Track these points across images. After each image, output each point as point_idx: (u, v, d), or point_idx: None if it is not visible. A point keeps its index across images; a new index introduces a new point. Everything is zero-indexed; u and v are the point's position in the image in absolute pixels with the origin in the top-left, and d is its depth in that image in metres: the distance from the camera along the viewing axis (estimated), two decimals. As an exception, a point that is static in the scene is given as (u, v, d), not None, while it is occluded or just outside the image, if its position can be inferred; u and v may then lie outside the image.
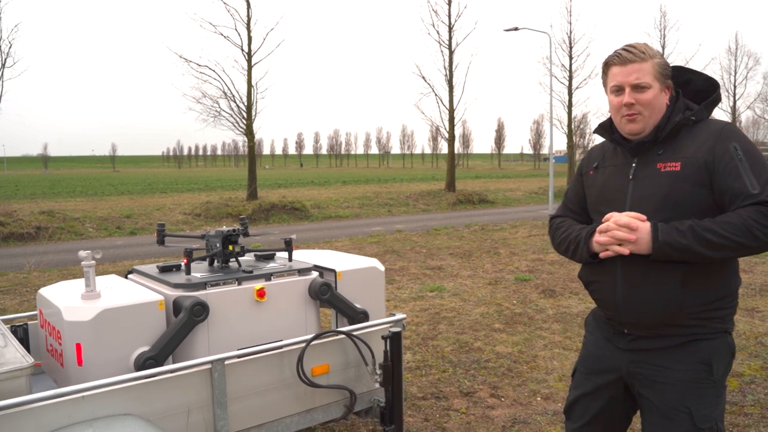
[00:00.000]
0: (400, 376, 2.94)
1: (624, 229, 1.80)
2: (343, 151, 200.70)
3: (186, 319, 2.59)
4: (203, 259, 3.11)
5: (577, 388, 2.19)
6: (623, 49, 1.90)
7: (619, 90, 1.91)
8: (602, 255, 1.88)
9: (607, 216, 1.87)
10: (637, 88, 1.87)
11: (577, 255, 2.01)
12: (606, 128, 2.06)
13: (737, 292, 1.90)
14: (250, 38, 22.06)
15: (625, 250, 1.80)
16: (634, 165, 1.94)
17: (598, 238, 1.88)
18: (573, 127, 32.69)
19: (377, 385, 3.01)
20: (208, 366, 2.49)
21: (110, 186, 46.56)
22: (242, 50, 22.12)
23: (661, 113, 1.91)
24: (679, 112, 1.91)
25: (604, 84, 2.00)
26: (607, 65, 1.95)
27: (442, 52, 26.62)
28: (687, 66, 2.04)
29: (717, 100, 1.95)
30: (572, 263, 9.33)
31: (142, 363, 2.47)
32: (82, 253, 2.55)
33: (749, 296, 6.99)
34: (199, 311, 2.63)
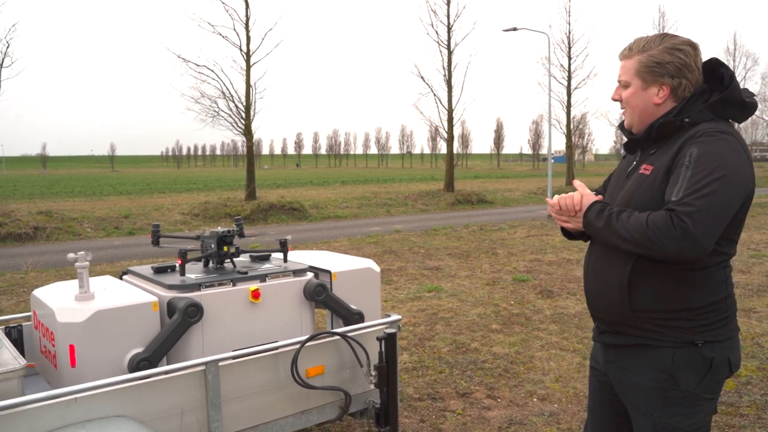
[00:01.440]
0: (395, 377, 2.93)
1: (569, 203, 1.91)
2: (342, 151, 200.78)
3: (180, 321, 2.59)
4: (198, 260, 3.10)
5: (589, 383, 2.23)
6: (628, 45, 1.91)
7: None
8: (558, 222, 2.00)
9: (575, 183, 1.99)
10: (621, 84, 1.91)
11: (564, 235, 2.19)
12: (621, 124, 2.07)
13: (721, 306, 1.81)
14: (248, 38, 22.05)
15: (564, 224, 1.97)
16: (634, 163, 1.94)
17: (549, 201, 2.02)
18: (572, 127, 32.73)
19: (372, 387, 3.00)
20: (202, 367, 2.48)
21: (109, 186, 46.54)
22: (241, 50, 22.12)
23: (644, 113, 1.87)
24: (685, 112, 1.80)
25: None
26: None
27: (441, 52, 26.65)
28: (722, 61, 1.87)
29: (717, 103, 1.79)
30: (570, 264, 9.33)
31: (135, 364, 2.46)
32: (72, 256, 2.54)
33: (746, 297, 6.99)
34: (194, 312, 2.63)
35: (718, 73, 1.85)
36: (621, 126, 2.04)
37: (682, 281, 1.78)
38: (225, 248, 3.05)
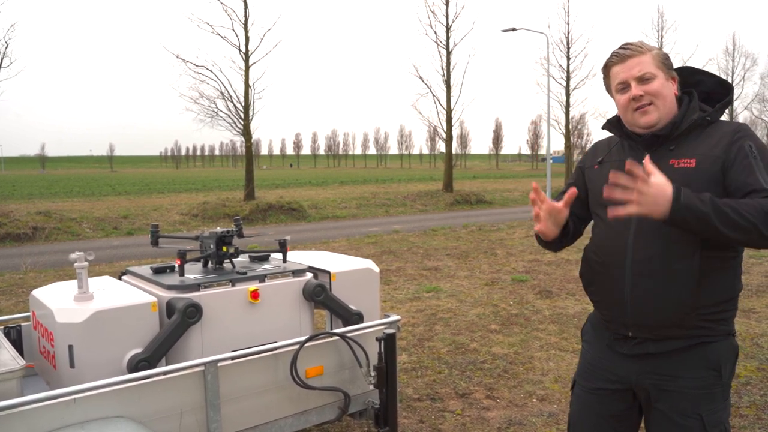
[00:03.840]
0: (394, 377, 2.93)
1: (636, 183, 1.62)
2: (340, 152, 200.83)
3: (179, 321, 2.58)
4: (197, 260, 3.10)
5: (581, 404, 2.08)
6: (620, 48, 1.89)
7: (624, 87, 1.87)
8: (610, 215, 1.69)
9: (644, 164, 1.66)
10: (642, 79, 1.84)
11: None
12: (614, 123, 2.00)
13: (739, 294, 1.89)
14: (247, 38, 22.05)
15: (626, 210, 1.63)
16: (644, 161, 1.86)
17: (608, 193, 1.67)
18: (570, 127, 32.71)
19: (371, 387, 3.00)
20: (201, 368, 2.48)
21: (108, 186, 46.50)
22: (239, 50, 22.13)
23: (672, 103, 1.87)
24: (695, 111, 1.87)
25: (608, 87, 1.96)
26: (606, 67, 1.92)
27: (439, 52, 26.67)
28: (696, 67, 2.00)
29: (729, 103, 1.92)
30: (569, 264, 9.33)
31: (134, 365, 2.46)
32: (74, 256, 2.54)
33: (746, 297, 7.00)
34: (193, 313, 2.62)
35: (692, 78, 1.97)
36: (609, 125, 2.02)
37: (731, 270, 1.82)
38: (224, 248, 3.05)
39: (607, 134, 2.12)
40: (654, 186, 1.61)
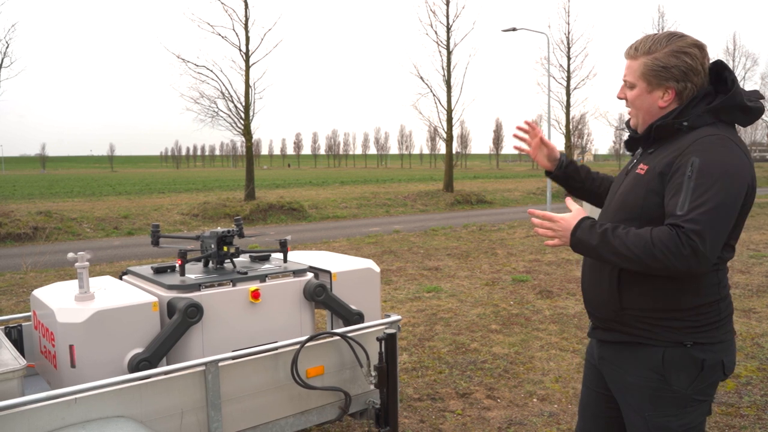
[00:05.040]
0: (395, 377, 2.93)
1: (547, 222, 1.88)
2: (341, 152, 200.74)
3: (180, 321, 2.59)
4: (198, 260, 3.10)
5: (582, 380, 2.21)
6: (631, 44, 1.90)
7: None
8: (546, 243, 1.95)
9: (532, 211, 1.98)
10: (627, 84, 1.90)
11: None
12: (627, 123, 2.04)
13: (713, 309, 1.80)
14: (247, 38, 22.05)
15: (550, 242, 1.90)
16: (634, 161, 1.95)
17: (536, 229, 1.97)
18: (571, 127, 32.73)
19: (372, 387, 3.00)
20: (202, 368, 2.48)
21: (108, 186, 46.50)
22: (240, 50, 22.13)
23: (648, 114, 1.87)
24: (684, 115, 1.79)
25: None
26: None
27: (440, 52, 26.64)
28: (726, 65, 1.84)
29: (715, 109, 1.77)
30: (569, 264, 9.34)
31: (135, 365, 2.46)
32: (71, 255, 2.54)
33: (746, 297, 6.99)
34: (193, 313, 2.62)
35: (722, 75, 1.83)
36: (627, 123, 2.03)
37: (671, 282, 1.77)
38: (225, 248, 3.05)
39: (605, 133, 2.16)
40: (560, 222, 1.85)
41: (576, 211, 1.86)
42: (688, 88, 1.80)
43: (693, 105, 1.80)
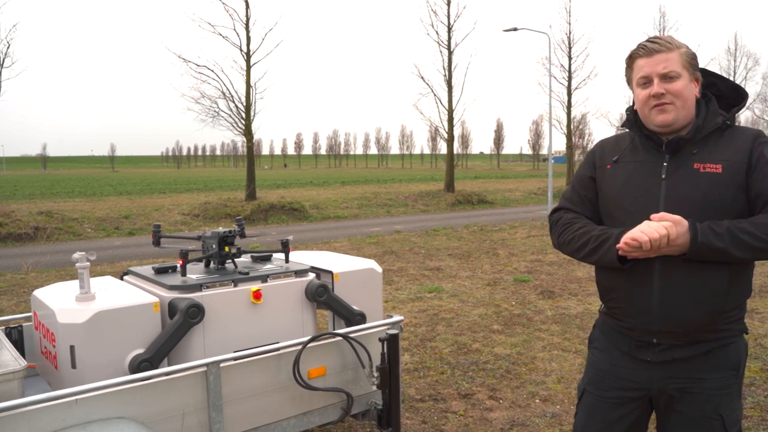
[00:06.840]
0: (397, 378, 2.92)
1: (661, 229, 1.68)
2: (342, 152, 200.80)
3: (181, 321, 2.57)
4: (199, 260, 3.09)
5: (590, 411, 2.03)
6: (648, 41, 1.84)
7: (646, 82, 1.83)
8: (629, 255, 1.74)
9: (653, 216, 1.73)
10: (666, 77, 1.80)
11: (598, 256, 1.85)
12: (633, 122, 1.94)
13: None
14: (248, 38, 22.04)
15: (645, 255, 1.71)
16: (665, 164, 1.84)
17: (628, 239, 1.70)
18: (572, 127, 32.73)
19: (374, 388, 2.99)
20: (204, 368, 2.46)
21: (109, 186, 46.51)
22: (241, 50, 22.12)
23: (691, 106, 1.84)
24: (717, 115, 1.84)
25: (629, 79, 1.92)
26: (631, 58, 1.87)
27: (441, 52, 26.62)
28: (710, 70, 1.97)
29: (743, 108, 1.96)
30: (571, 264, 9.30)
31: (136, 365, 2.45)
32: (76, 255, 2.53)
33: (749, 298, 6.97)
34: (195, 313, 2.61)
35: (706, 81, 1.94)
36: (627, 123, 1.95)
37: (749, 272, 1.87)
38: (226, 248, 3.04)
39: (605, 133, 2.11)
40: (674, 237, 1.69)
41: (676, 219, 1.71)
42: (699, 78, 1.91)
43: (713, 104, 1.89)
